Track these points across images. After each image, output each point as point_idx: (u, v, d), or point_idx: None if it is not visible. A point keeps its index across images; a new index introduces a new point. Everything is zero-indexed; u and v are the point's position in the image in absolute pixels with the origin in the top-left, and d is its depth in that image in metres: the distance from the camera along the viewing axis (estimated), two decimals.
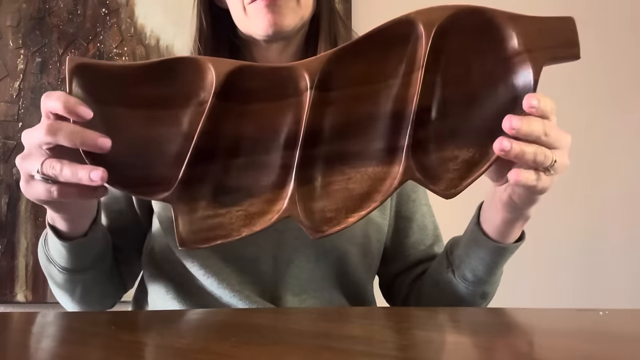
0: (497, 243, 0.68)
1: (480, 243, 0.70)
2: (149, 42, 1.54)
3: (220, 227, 0.60)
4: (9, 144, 1.48)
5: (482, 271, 0.71)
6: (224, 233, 0.60)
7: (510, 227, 0.67)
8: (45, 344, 0.44)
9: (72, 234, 0.67)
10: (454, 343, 0.44)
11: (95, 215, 0.69)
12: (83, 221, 0.67)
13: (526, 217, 0.66)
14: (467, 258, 0.72)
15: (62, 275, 0.72)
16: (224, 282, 0.72)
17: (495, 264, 0.71)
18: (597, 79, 1.63)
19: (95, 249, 0.71)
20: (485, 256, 0.70)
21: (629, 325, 0.52)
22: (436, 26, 0.56)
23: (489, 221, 0.68)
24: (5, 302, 1.45)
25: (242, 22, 0.76)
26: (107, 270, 0.77)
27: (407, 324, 0.55)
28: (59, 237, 0.67)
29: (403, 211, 0.85)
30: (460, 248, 0.74)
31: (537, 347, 0.41)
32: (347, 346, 0.41)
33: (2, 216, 1.46)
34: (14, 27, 1.51)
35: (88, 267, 0.72)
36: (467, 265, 0.72)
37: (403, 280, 0.85)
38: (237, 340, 0.42)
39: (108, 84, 0.58)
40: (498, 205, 0.65)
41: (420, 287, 0.81)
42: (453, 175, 0.58)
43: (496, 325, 0.54)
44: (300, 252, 0.75)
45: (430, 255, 0.84)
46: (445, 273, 0.75)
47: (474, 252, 0.71)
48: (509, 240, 0.69)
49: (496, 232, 0.68)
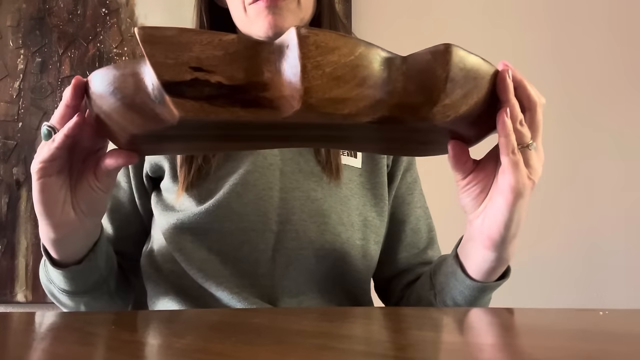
0: (477, 282, 0.66)
1: (459, 279, 0.67)
2: None
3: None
4: (9, 144, 1.48)
5: (462, 302, 0.69)
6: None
7: (490, 266, 0.63)
8: (45, 344, 0.44)
9: (64, 260, 0.67)
10: (454, 343, 0.44)
11: (91, 246, 0.68)
12: (73, 248, 0.66)
13: (506, 258, 0.62)
14: (448, 287, 0.70)
15: (63, 295, 0.72)
16: (223, 285, 0.72)
17: (476, 299, 0.68)
18: (597, 79, 1.64)
19: (93, 276, 0.71)
20: (465, 291, 0.68)
21: (629, 325, 0.52)
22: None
23: (468, 256, 0.65)
24: (5, 302, 1.45)
25: (242, 23, 0.76)
26: (112, 291, 0.77)
27: (407, 324, 0.55)
28: (52, 263, 0.67)
29: (397, 214, 0.85)
30: (441, 275, 0.72)
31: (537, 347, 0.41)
32: (347, 346, 0.41)
33: (2, 216, 1.46)
34: (14, 27, 1.52)
35: (89, 291, 0.72)
36: (448, 294, 0.70)
37: (396, 286, 0.84)
38: (237, 340, 0.42)
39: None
40: (479, 242, 0.62)
41: (407, 298, 0.81)
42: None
43: (496, 325, 0.54)
44: (298, 254, 0.75)
45: (422, 260, 0.84)
46: (427, 293, 0.74)
47: (453, 284, 0.69)
48: (490, 279, 0.65)
49: (476, 270, 0.65)
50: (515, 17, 1.64)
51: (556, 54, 1.64)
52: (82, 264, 0.67)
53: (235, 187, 0.74)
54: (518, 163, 0.55)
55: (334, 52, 0.49)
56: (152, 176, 0.80)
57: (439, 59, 0.51)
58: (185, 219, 0.74)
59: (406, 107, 0.52)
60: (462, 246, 0.67)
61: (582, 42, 1.65)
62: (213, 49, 0.49)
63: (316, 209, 0.75)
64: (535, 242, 1.45)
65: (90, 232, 0.67)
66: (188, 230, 0.74)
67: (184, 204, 0.75)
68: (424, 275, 0.78)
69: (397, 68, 0.51)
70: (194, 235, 0.74)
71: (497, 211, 0.58)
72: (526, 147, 0.56)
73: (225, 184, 0.74)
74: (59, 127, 0.57)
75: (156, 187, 0.80)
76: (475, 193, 0.61)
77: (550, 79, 1.59)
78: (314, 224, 0.75)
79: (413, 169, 0.87)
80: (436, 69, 0.51)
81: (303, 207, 0.75)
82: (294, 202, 0.75)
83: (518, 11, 1.64)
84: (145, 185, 0.80)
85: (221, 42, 0.49)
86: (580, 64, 1.64)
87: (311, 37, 0.48)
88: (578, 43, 1.65)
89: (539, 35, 1.63)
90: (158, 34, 0.50)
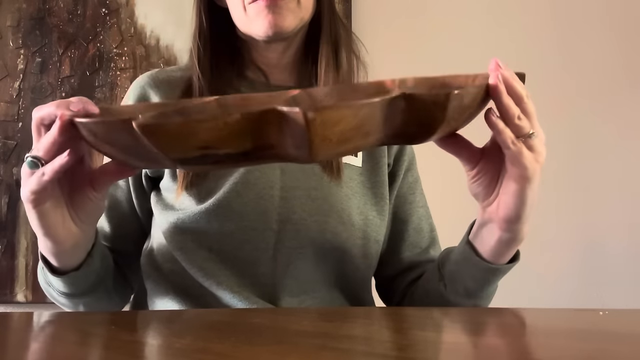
0: (490, 264, 0.67)
1: (472, 262, 0.68)
2: (149, 42, 1.54)
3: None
4: (9, 144, 1.48)
5: (474, 287, 0.71)
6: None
7: (505, 247, 0.65)
8: (45, 344, 0.44)
9: (64, 268, 0.67)
10: (454, 343, 0.44)
11: (90, 250, 0.68)
12: (72, 257, 0.67)
13: (521, 237, 0.64)
14: (459, 275, 0.71)
15: (62, 298, 0.72)
16: (223, 284, 0.72)
17: (488, 282, 0.70)
18: (595, 80, 1.63)
19: (91, 279, 0.71)
20: (477, 274, 0.69)
21: (629, 325, 0.52)
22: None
23: (483, 240, 0.67)
24: (5, 302, 1.45)
25: (242, 22, 0.76)
26: (110, 289, 0.77)
27: (407, 324, 0.55)
28: (51, 271, 0.67)
29: (399, 213, 0.85)
30: (451, 264, 0.73)
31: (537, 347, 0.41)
32: (347, 346, 0.41)
33: (2, 216, 1.46)
34: (14, 27, 1.52)
35: (87, 292, 0.72)
36: (459, 281, 0.71)
37: (399, 284, 0.84)
38: (237, 340, 0.42)
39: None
40: (494, 225, 0.64)
41: (412, 295, 0.81)
42: None
43: (496, 325, 0.54)
44: (299, 254, 0.74)
45: (425, 259, 0.84)
46: (436, 285, 0.75)
47: (465, 270, 0.70)
48: (502, 261, 0.67)
49: (490, 253, 0.67)
50: (516, 16, 1.64)
51: (557, 53, 1.64)
52: (81, 270, 0.68)
53: (235, 186, 0.74)
54: (522, 151, 0.58)
55: (340, 123, 0.49)
56: (152, 176, 0.80)
57: (439, 105, 0.52)
58: (185, 218, 0.74)
59: (404, 135, 0.56)
60: (474, 233, 0.68)
61: (582, 42, 1.65)
62: (218, 132, 0.48)
63: (317, 208, 0.75)
64: (535, 242, 1.45)
65: (90, 237, 0.67)
66: (188, 229, 0.74)
67: (183, 203, 0.75)
68: (428, 271, 0.79)
69: (398, 107, 0.52)
70: (194, 235, 0.74)
71: (511, 197, 0.60)
72: (528, 137, 0.58)
73: (226, 183, 0.74)
74: (45, 159, 0.55)
75: (155, 186, 0.80)
76: (486, 182, 0.62)
77: (551, 78, 1.59)
78: (314, 223, 0.75)
79: (414, 168, 0.88)
80: (435, 112, 0.53)
81: (304, 206, 0.75)
82: (295, 201, 0.75)
83: (519, 11, 1.64)
84: (144, 185, 0.80)
85: (226, 124, 0.48)
86: (580, 64, 1.64)
87: (318, 119, 0.47)
88: (578, 43, 1.65)
89: (541, 34, 1.63)
90: (158, 127, 0.48)
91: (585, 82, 1.63)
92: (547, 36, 1.63)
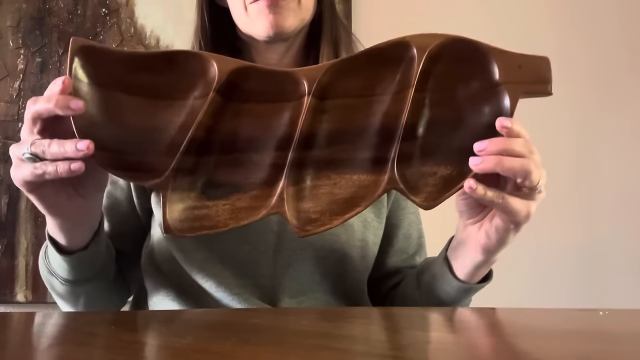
0: (464, 283, 0.69)
1: (446, 280, 0.71)
2: (149, 42, 1.54)
3: (206, 218, 0.62)
4: (9, 144, 1.48)
5: (447, 301, 0.73)
6: (210, 224, 0.62)
7: (478, 269, 0.68)
8: (45, 344, 0.44)
9: (72, 247, 0.67)
10: (453, 343, 0.44)
11: (97, 228, 0.68)
12: (82, 233, 0.67)
13: (493, 261, 0.67)
14: (433, 287, 0.73)
15: (64, 287, 0.72)
16: (223, 285, 0.72)
17: (459, 299, 0.72)
18: (594, 80, 1.63)
19: (97, 262, 0.71)
20: (451, 291, 0.71)
21: (629, 325, 0.52)
22: (428, 50, 0.60)
23: (458, 259, 0.69)
24: (5, 302, 1.44)
25: (243, 22, 0.76)
26: (111, 280, 0.77)
27: (407, 324, 0.55)
28: (59, 251, 0.67)
29: (392, 218, 0.85)
30: (428, 275, 0.75)
31: (537, 347, 0.41)
32: (347, 346, 0.41)
33: (2, 216, 1.46)
34: (14, 27, 1.52)
35: (91, 279, 0.72)
36: (434, 293, 0.73)
37: (382, 287, 0.85)
38: (237, 340, 0.42)
39: (110, 68, 0.59)
40: (471, 246, 0.66)
41: (392, 298, 0.83)
42: (432, 189, 0.61)
43: (495, 325, 0.54)
44: (299, 255, 0.75)
45: (410, 265, 0.85)
46: (414, 292, 0.77)
47: (440, 285, 0.72)
48: (475, 280, 0.70)
49: (463, 273, 0.69)
50: (517, 16, 1.64)
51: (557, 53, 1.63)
52: (89, 249, 0.68)
53: None
54: (508, 202, 0.58)
55: (329, 226, 0.61)
56: None
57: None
58: None
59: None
60: (452, 249, 0.70)
61: (584, 42, 1.65)
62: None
63: None
64: (535, 242, 1.45)
65: (98, 209, 0.67)
66: None
67: None
68: (409, 276, 0.81)
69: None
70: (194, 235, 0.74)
71: (495, 232, 0.62)
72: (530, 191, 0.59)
73: None
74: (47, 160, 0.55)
75: None
76: (474, 204, 0.64)
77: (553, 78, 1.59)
78: None
79: None
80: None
81: None
82: None
83: (522, 16, 1.64)
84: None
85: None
86: (581, 63, 1.64)
87: (311, 231, 0.61)
88: (580, 43, 1.65)
89: (542, 33, 1.63)
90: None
91: (586, 81, 1.63)
92: (546, 34, 1.63)
